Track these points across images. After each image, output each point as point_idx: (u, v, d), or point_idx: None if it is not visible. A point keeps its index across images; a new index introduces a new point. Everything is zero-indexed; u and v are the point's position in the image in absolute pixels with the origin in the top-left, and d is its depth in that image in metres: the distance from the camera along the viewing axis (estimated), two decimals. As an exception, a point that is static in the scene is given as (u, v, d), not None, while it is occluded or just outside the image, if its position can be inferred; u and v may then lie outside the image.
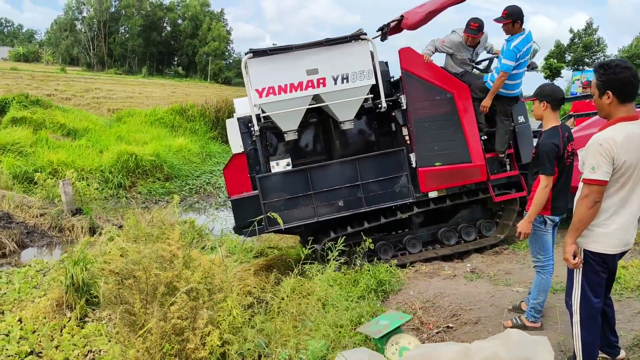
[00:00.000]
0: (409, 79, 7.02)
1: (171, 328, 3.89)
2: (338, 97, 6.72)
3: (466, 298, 4.79)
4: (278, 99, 6.56)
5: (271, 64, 6.56)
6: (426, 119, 7.03)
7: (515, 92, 7.02)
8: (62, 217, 9.68)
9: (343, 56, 6.67)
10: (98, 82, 41.96)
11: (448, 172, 7.03)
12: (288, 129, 6.87)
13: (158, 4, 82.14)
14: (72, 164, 12.20)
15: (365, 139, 7.89)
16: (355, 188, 6.95)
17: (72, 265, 6.17)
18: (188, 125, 19.08)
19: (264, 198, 6.80)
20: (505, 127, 7.11)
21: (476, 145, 7.10)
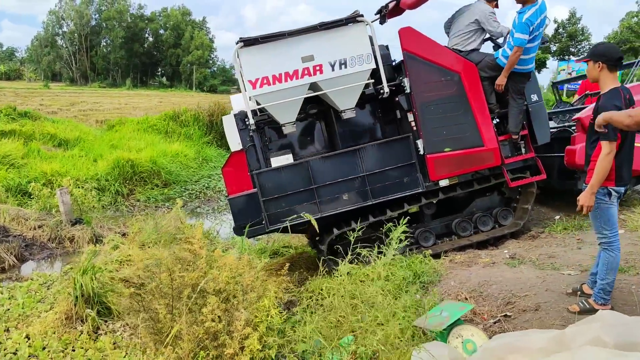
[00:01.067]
0: (411, 60, 6.57)
1: (204, 332, 3.49)
2: (337, 84, 6.26)
3: (516, 285, 4.42)
4: (273, 89, 6.14)
5: (263, 53, 6.15)
6: (432, 102, 6.60)
7: (528, 68, 6.62)
8: (62, 228, 9.18)
9: (339, 40, 6.23)
10: (83, 95, 41.42)
11: (459, 157, 6.59)
12: (286, 121, 6.44)
13: (139, 15, 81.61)
14: (66, 174, 11.70)
15: (369, 128, 7.42)
16: (360, 180, 6.55)
17: (81, 275, 5.75)
18: (182, 131, 18.63)
19: (263, 195, 6.43)
20: (518, 106, 6.70)
21: (488, 127, 6.66)
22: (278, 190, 6.50)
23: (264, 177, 6.53)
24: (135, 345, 5.17)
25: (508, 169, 6.85)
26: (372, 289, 4.27)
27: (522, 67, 6.52)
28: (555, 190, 7.85)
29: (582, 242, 5.86)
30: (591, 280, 4.11)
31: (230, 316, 3.69)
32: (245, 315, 3.60)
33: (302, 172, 6.54)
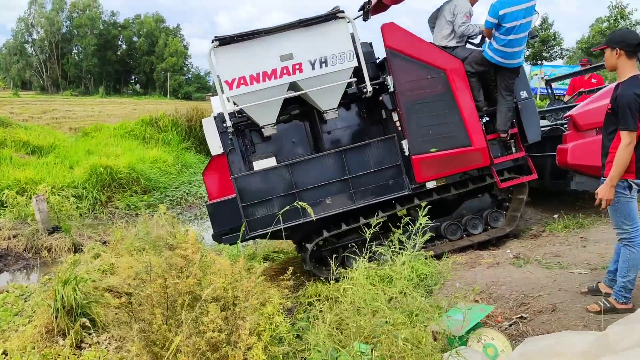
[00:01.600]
0: (394, 57, 6.31)
1: (206, 344, 3.21)
2: (317, 83, 6.00)
3: (526, 285, 4.24)
4: (250, 89, 5.87)
5: (240, 52, 5.86)
6: (417, 101, 6.33)
7: (517, 62, 6.35)
8: (38, 237, 8.71)
9: (319, 38, 5.96)
10: (54, 103, 40.44)
11: (446, 158, 6.33)
12: (265, 122, 6.17)
13: (112, 22, 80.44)
14: (41, 181, 11.21)
15: (354, 130, 7.11)
16: (344, 183, 6.27)
17: (62, 286, 5.41)
18: (160, 136, 18.11)
19: (242, 200, 6.12)
20: (507, 103, 6.43)
21: (475, 126, 6.40)
22: (258, 195, 6.21)
23: (243, 181, 6.24)
24: (122, 358, 4.85)
25: (497, 169, 6.60)
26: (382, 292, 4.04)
27: (510, 62, 6.26)
28: (548, 190, 7.75)
29: (586, 240, 5.74)
30: (608, 278, 3.94)
31: (232, 325, 3.42)
32: (250, 324, 3.34)
33: (283, 176, 6.27)
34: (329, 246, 6.70)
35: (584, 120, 6.60)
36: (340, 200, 6.27)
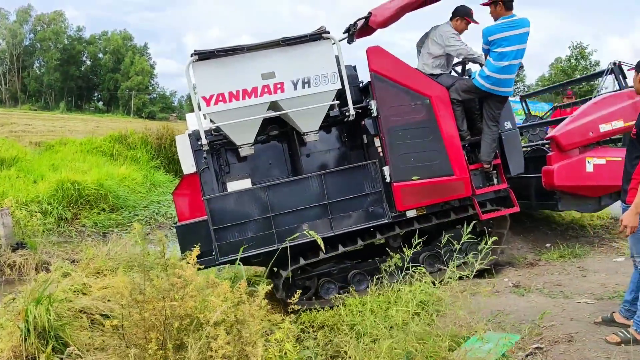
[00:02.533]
0: (378, 82, 6.20)
1: (214, 373, 2.96)
2: (299, 104, 5.85)
3: (534, 314, 4.13)
4: (229, 107, 5.68)
5: (220, 68, 5.69)
6: (400, 127, 6.21)
7: (507, 91, 6.30)
8: (0, 254, 8.18)
9: (303, 58, 5.82)
10: (13, 117, 39.03)
11: (427, 187, 6.19)
12: (242, 142, 5.98)
13: (77, 38, 78.87)
14: (3, 195, 10.59)
15: (334, 154, 6.94)
16: (323, 208, 6.04)
17: (35, 306, 5.01)
18: (129, 154, 17.39)
19: (213, 223, 5.85)
20: (492, 134, 6.37)
21: (458, 155, 6.31)
22: (231, 219, 5.94)
23: (215, 203, 5.98)
24: None
25: (479, 200, 6.49)
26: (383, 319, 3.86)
27: (502, 89, 6.20)
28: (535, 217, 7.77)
29: (585, 270, 5.74)
30: (624, 308, 3.88)
31: (240, 351, 3.17)
32: (262, 350, 3.10)
33: (259, 199, 6.02)
34: (303, 274, 6.42)
35: (567, 140, 6.66)
36: (318, 227, 5.97)
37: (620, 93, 7.30)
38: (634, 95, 6.86)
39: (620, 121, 6.81)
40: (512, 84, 6.39)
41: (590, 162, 6.69)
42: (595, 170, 6.65)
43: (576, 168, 6.63)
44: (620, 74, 7.84)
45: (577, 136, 6.69)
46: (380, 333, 4.26)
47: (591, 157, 6.71)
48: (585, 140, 6.79)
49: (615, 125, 6.82)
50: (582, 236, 7.11)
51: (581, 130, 6.74)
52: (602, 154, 6.80)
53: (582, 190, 6.78)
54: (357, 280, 6.39)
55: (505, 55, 5.99)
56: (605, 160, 6.71)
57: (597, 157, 6.73)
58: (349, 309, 5.15)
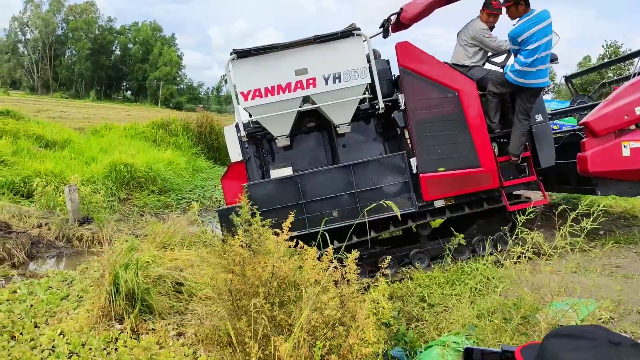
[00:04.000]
0: (407, 76, 6.28)
1: (323, 322, 3.26)
2: (330, 98, 6.06)
3: (599, 290, 4.31)
4: (265, 101, 6.00)
5: (256, 65, 6.01)
6: (427, 119, 6.27)
7: (540, 82, 6.18)
8: (68, 227, 8.66)
9: (334, 54, 6.02)
10: (47, 104, 40.08)
11: (454, 178, 6.24)
12: (279, 133, 6.28)
13: (108, 28, 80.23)
14: (61, 174, 11.13)
15: (371, 144, 7.06)
16: (352, 197, 6.24)
17: (124, 270, 5.40)
18: (171, 140, 18.04)
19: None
20: (522, 127, 6.32)
21: (486, 147, 6.30)
22: (267, 204, 6.15)
23: (253, 189, 6.24)
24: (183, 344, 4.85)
25: (508, 192, 6.52)
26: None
27: (533, 81, 6.12)
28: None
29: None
30: None
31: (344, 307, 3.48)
32: (367, 305, 3.39)
33: (292, 186, 6.28)
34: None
35: (600, 126, 6.48)
36: (347, 214, 6.20)
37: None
38: None
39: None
40: (547, 74, 6.27)
41: (627, 146, 6.48)
42: (632, 154, 6.45)
43: (612, 153, 6.46)
44: None
45: (612, 120, 6.48)
46: (450, 303, 4.54)
47: (627, 141, 6.48)
48: (621, 124, 6.54)
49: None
50: (634, 225, 7.21)
51: (615, 114, 6.51)
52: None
53: (620, 174, 6.58)
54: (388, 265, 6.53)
55: (536, 50, 5.98)
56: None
57: (635, 140, 6.50)
58: (417, 282, 5.44)
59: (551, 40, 6.08)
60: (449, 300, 4.74)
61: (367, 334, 3.28)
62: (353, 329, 3.27)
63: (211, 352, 4.52)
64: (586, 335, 1.09)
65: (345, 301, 3.57)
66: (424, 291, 5.11)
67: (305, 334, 3.23)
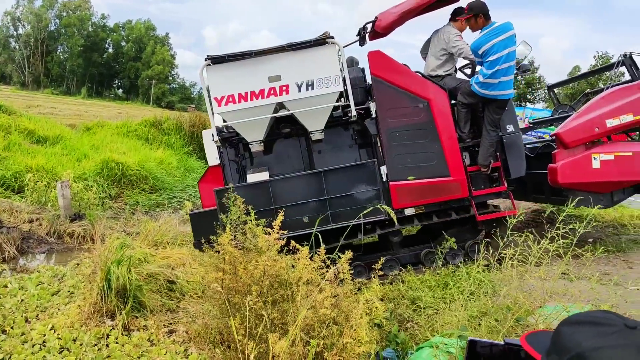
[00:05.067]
0: (378, 84, 6.24)
1: (317, 320, 3.30)
2: (303, 105, 6.01)
3: (588, 296, 4.38)
4: (238, 107, 5.96)
5: (230, 71, 5.97)
6: (398, 128, 6.23)
7: (504, 94, 6.13)
8: (60, 223, 8.56)
9: (307, 61, 5.98)
10: (37, 100, 39.77)
11: (423, 187, 6.20)
12: (253, 139, 6.23)
13: (101, 25, 79.53)
14: (52, 170, 11.09)
15: (345, 151, 6.93)
16: (322, 203, 6.16)
17: (117, 266, 5.41)
18: (163, 139, 17.85)
19: (221, 213, 5.86)
20: (490, 138, 6.26)
21: (456, 157, 6.25)
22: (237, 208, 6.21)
23: (224, 194, 6.03)
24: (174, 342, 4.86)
25: (477, 201, 6.44)
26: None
27: (497, 93, 6.07)
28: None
29: (631, 263, 5.94)
30: None
31: (338, 306, 3.51)
32: (362, 305, 3.43)
33: (263, 192, 6.18)
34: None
35: (571, 138, 6.45)
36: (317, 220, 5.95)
37: (631, 86, 6.85)
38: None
39: (629, 115, 6.53)
40: (511, 86, 6.17)
41: (597, 158, 6.44)
42: (602, 167, 6.41)
43: (582, 165, 6.43)
44: (632, 64, 7.36)
45: (582, 132, 6.44)
46: (441, 307, 4.59)
47: (597, 154, 6.44)
48: (591, 137, 6.50)
49: (624, 120, 6.50)
50: (622, 233, 7.31)
51: (586, 126, 6.47)
52: (610, 150, 6.50)
53: (589, 186, 6.54)
54: (357, 272, 6.35)
55: (496, 62, 5.94)
56: (614, 156, 6.45)
57: (604, 152, 6.45)
58: (408, 285, 5.49)
59: (514, 52, 6.02)
60: (440, 303, 4.79)
61: (360, 334, 3.31)
62: (347, 328, 3.30)
63: (203, 350, 4.54)
64: (602, 322, 1.08)
65: (339, 301, 3.61)
66: (415, 294, 5.17)
67: (301, 332, 3.26)
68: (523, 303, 3.67)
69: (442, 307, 4.61)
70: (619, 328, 1.05)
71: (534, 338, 1.22)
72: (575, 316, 1.15)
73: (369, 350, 3.34)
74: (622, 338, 1.02)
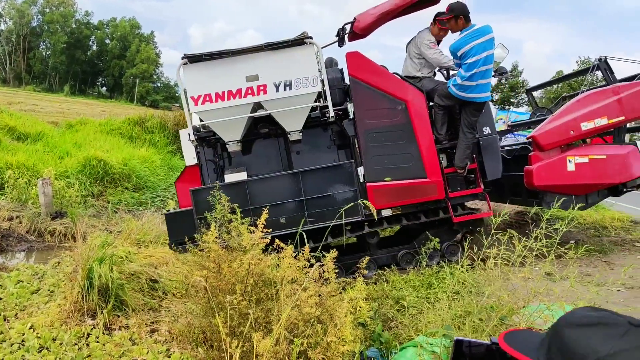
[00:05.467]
0: (356, 85, 6.20)
1: (302, 319, 3.28)
2: (281, 105, 5.94)
3: (570, 296, 4.42)
4: (215, 106, 5.87)
5: (207, 70, 5.88)
6: (375, 129, 6.18)
7: (481, 97, 6.11)
8: (40, 221, 8.37)
9: (285, 62, 5.90)
10: (19, 96, 39.22)
11: (400, 188, 6.17)
12: (229, 139, 6.14)
13: (85, 22, 78.47)
14: (33, 167, 10.88)
15: (324, 152, 6.87)
16: (299, 204, 6.10)
17: (98, 265, 5.34)
18: (147, 137, 17.53)
19: (197, 213, 5.94)
20: (467, 140, 6.24)
21: (432, 159, 6.23)
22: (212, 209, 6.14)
23: (200, 194, 6.05)
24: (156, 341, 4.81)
25: (455, 203, 6.44)
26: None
27: (474, 95, 6.06)
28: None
29: (612, 264, 6.00)
30: None
31: (322, 305, 3.50)
32: (347, 304, 3.42)
33: (240, 192, 6.06)
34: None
35: (546, 140, 6.49)
36: (295, 221, 6.00)
37: (605, 89, 6.88)
38: (619, 91, 6.63)
39: (604, 118, 6.57)
40: (488, 89, 6.16)
41: (572, 161, 6.50)
42: (577, 169, 6.48)
43: (557, 167, 6.50)
44: (607, 69, 7.43)
45: (557, 135, 6.49)
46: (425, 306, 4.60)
47: (572, 156, 6.50)
48: (567, 139, 6.56)
49: (598, 123, 6.55)
50: (604, 235, 7.40)
51: (561, 129, 6.53)
52: (584, 153, 6.55)
53: (564, 189, 6.54)
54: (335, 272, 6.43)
55: (474, 64, 5.92)
56: (588, 159, 6.51)
57: (579, 155, 6.50)
58: (392, 285, 5.49)
59: (492, 55, 5.98)
60: (424, 302, 4.79)
61: (344, 333, 3.30)
62: (331, 327, 3.29)
63: (185, 349, 4.50)
64: (607, 322, 1.04)
65: (323, 299, 3.60)
66: (399, 293, 5.17)
67: (285, 331, 3.24)
68: (507, 302, 3.69)
69: (426, 306, 4.61)
70: (627, 327, 1.02)
71: (513, 338, 1.18)
72: (575, 318, 1.10)
73: (353, 349, 3.32)
74: (636, 339, 0.99)
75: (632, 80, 7.11)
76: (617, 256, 6.46)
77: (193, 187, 6.16)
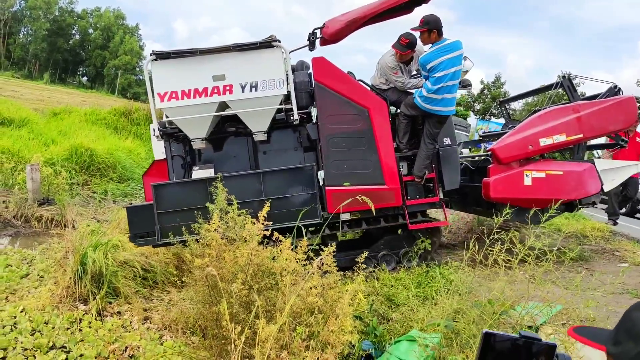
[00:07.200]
0: (320, 90, 6.16)
1: (305, 308, 3.39)
2: (246, 105, 5.91)
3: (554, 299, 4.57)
4: (180, 104, 5.84)
5: (175, 68, 5.86)
6: (336, 134, 6.15)
7: (446, 110, 6.16)
8: (27, 207, 8.19)
9: (252, 63, 5.88)
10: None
11: (357, 193, 5.91)
12: (195, 136, 6.09)
13: (68, 10, 76.90)
14: (18, 153, 10.71)
15: (291, 153, 6.89)
16: (260, 204, 5.76)
17: (93, 251, 5.38)
18: (133, 129, 17.28)
19: (158, 208, 5.93)
20: (427, 150, 6.25)
21: (391, 166, 6.22)
22: (174, 205, 5.99)
23: (162, 190, 6.05)
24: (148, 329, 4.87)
25: (412, 211, 6.47)
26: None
27: (439, 109, 6.11)
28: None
29: (593, 271, 6.08)
30: None
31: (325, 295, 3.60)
32: (349, 296, 3.52)
33: (200, 190, 6.03)
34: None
35: (504, 154, 6.53)
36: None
37: (566, 107, 6.92)
38: (579, 109, 6.67)
39: (562, 135, 6.64)
40: (453, 103, 6.16)
41: (529, 175, 6.55)
42: (534, 184, 6.52)
43: (514, 181, 6.52)
44: (569, 86, 7.46)
45: (516, 149, 6.52)
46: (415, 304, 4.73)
47: (530, 171, 6.53)
48: (525, 154, 6.58)
49: (557, 140, 6.60)
50: (585, 244, 7.63)
51: (520, 143, 6.56)
52: (542, 168, 6.57)
53: (520, 202, 6.48)
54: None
55: (442, 78, 5.94)
56: (545, 174, 6.55)
57: (537, 170, 6.54)
58: (382, 283, 5.61)
59: (459, 71, 6.00)
60: (414, 300, 4.92)
61: (344, 323, 3.41)
62: (332, 317, 3.39)
63: (178, 337, 4.56)
64: None
65: (324, 290, 3.70)
66: (390, 291, 5.29)
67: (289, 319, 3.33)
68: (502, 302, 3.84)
69: (416, 304, 4.76)
70: None
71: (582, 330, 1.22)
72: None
73: (351, 340, 3.44)
74: None
75: (593, 99, 7.13)
76: (597, 264, 6.67)
77: (155, 182, 6.09)
